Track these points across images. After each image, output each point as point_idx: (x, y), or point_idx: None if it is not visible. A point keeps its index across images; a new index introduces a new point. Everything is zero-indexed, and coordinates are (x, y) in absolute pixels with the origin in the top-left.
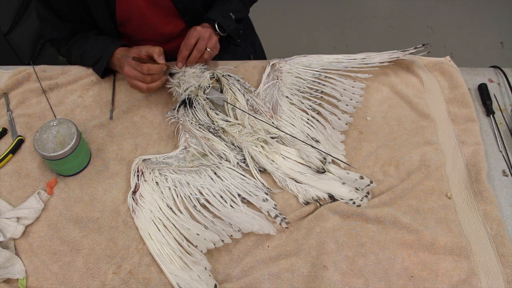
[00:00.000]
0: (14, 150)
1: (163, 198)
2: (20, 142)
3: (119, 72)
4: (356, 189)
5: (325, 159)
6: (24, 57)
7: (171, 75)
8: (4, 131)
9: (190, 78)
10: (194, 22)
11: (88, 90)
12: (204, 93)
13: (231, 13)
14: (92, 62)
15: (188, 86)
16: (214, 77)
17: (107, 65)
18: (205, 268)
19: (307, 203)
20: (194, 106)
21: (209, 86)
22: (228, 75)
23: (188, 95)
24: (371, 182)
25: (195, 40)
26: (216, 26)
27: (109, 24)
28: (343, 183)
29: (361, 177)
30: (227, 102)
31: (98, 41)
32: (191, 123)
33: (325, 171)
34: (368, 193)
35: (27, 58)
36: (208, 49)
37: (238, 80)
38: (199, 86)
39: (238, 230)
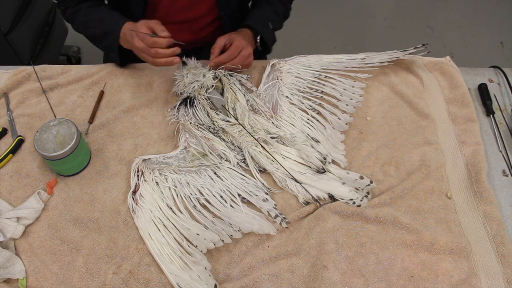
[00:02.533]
0: (14, 150)
1: (163, 198)
2: (20, 142)
3: (125, 47)
4: (356, 189)
5: (325, 159)
6: (24, 57)
7: (184, 63)
8: (4, 131)
9: (200, 74)
10: (227, 19)
11: (88, 90)
12: (206, 91)
13: (269, 23)
14: (96, 32)
15: (193, 80)
16: (217, 78)
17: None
18: (205, 268)
19: (307, 203)
20: (195, 105)
21: (212, 86)
22: (229, 75)
23: (190, 93)
24: (371, 182)
25: (237, 52)
26: (257, 36)
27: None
28: (343, 183)
29: (361, 177)
30: (224, 107)
31: (108, 14)
32: (191, 122)
33: (325, 171)
34: (368, 193)
35: (27, 58)
36: (239, 66)
37: (239, 80)
38: (201, 85)
39: (238, 230)
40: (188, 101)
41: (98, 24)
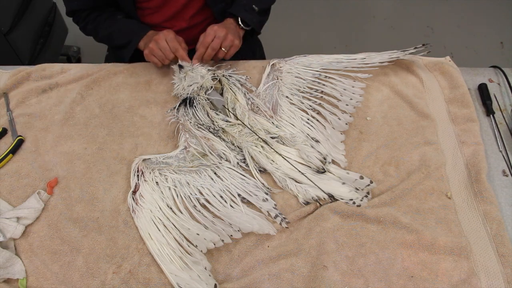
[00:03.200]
0: (14, 150)
1: (163, 198)
2: (20, 142)
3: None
4: (356, 189)
5: (325, 159)
6: (24, 57)
7: (180, 67)
8: (4, 131)
9: (198, 76)
10: (221, 13)
11: (88, 89)
12: (205, 93)
13: (254, 5)
14: (119, 44)
15: (192, 82)
16: (216, 78)
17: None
18: (205, 268)
19: (307, 203)
20: (195, 106)
21: (212, 87)
22: (229, 75)
23: (189, 94)
24: (371, 182)
25: (211, 38)
26: (239, 21)
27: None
28: (343, 183)
29: (361, 177)
30: (225, 107)
31: (128, 24)
32: (190, 122)
33: (325, 171)
34: (368, 193)
35: (27, 58)
36: (223, 49)
37: (238, 80)
38: (201, 86)
39: (238, 230)
40: (188, 101)
41: (122, 37)
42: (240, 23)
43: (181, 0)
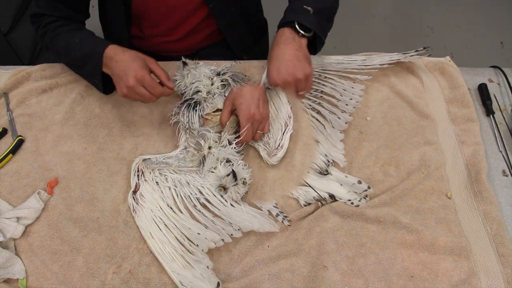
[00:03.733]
0: (14, 150)
1: (163, 197)
2: (20, 142)
3: (105, 71)
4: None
5: (329, 161)
6: (24, 57)
7: (184, 64)
8: (4, 131)
9: (201, 74)
10: (219, 7)
11: (88, 89)
12: (207, 100)
13: (304, 6)
14: (77, 56)
15: (195, 80)
16: (225, 85)
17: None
18: (207, 267)
19: (308, 204)
20: (196, 110)
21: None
22: (228, 75)
23: (191, 94)
24: (369, 187)
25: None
26: (297, 27)
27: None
28: (341, 184)
29: (359, 182)
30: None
31: (89, 36)
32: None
33: (328, 173)
34: (366, 195)
35: (27, 58)
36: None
37: (241, 79)
38: (207, 92)
39: (238, 229)
40: (189, 103)
41: (79, 47)
42: (298, 29)
43: (183, 11)
